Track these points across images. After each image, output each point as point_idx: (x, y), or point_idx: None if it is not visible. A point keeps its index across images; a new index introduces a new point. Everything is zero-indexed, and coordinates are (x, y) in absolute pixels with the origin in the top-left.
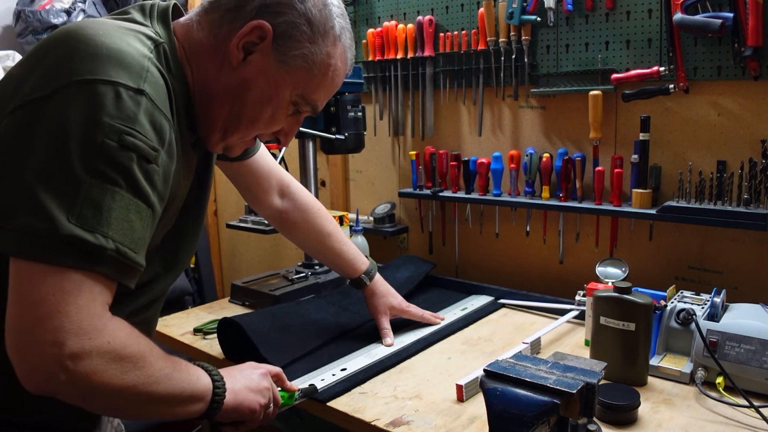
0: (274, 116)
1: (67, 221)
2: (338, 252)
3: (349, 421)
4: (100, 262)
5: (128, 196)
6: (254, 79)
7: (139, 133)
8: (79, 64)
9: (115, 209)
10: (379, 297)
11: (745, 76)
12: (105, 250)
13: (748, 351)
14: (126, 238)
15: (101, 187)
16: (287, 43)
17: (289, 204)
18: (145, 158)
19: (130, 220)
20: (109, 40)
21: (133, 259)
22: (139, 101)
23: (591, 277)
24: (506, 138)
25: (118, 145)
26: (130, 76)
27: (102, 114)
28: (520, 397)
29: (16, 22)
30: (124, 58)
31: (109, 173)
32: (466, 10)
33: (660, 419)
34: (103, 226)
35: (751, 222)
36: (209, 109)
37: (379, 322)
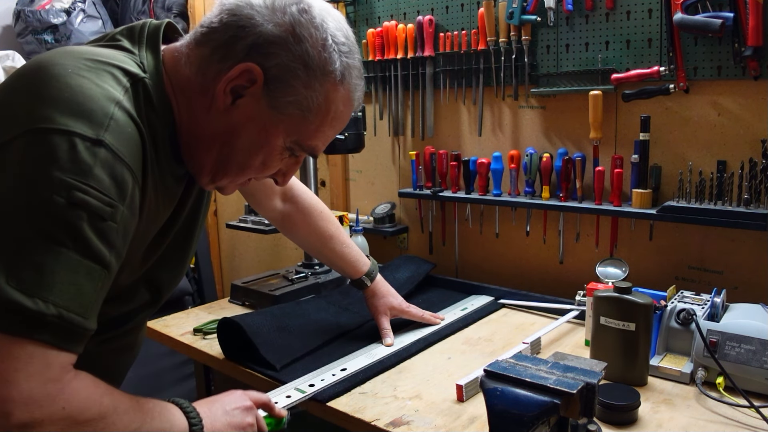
0: (265, 163)
1: (7, 284)
2: (340, 254)
3: (349, 421)
4: (40, 330)
5: (76, 258)
6: (243, 125)
7: (92, 188)
8: (38, 110)
9: (59, 272)
10: (380, 297)
11: (746, 76)
12: (45, 317)
13: (748, 351)
14: (72, 302)
15: (46, 248)
16: (280, 87)
17: (292, 206)
18: (98, 216)
19: (78, 283)
20: (74, 81)
21: (81, 325)
22: (96, 153)
23: (591, 277)
24: (506, 138)
25: (66, 202)
26: (90, 125)
27: (53, 168)
28: (520, 397)
29: (15, 22)
30: (86, 103)
31: (55, 233)
32: (466, 10)
33: (660, 419)
34: (44, 291)
35: (751, 222)
36: (196, 152)
37: (379, 323)
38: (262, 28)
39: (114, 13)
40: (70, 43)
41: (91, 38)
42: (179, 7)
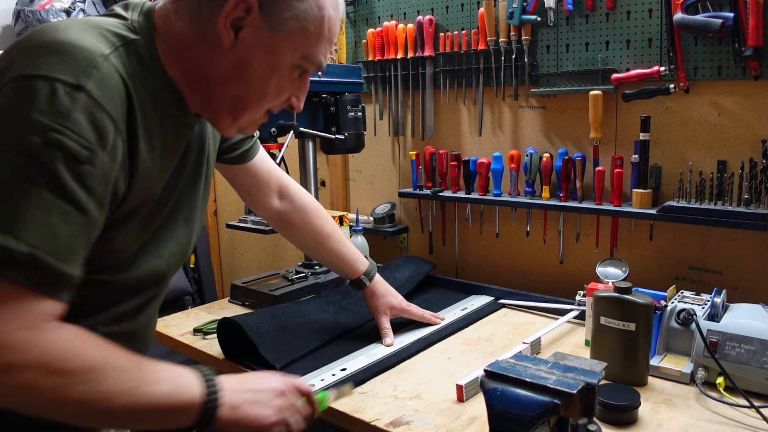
0: (280, 85)
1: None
2: (337, 253)
3: (349, 421)
4: (11, 268)
5: (50, 197)
6: (251, 55)
7: (69, 131)
8: (23, 60)
9: (32, 210)
10: (379, 297)
11: (746, 76)
12: (14, 253)
13: (748, 351)
14: (45, 243)
15: (19, 186)
16: (275, 7)
17: (289, 205)
18: (74, 158)
19: (51, 223)
20: (63, 35)
21: (56, 267)
22: (76, 98)
23: (591, 277)
24: (506, 138)
25: (42, 141)
26: (72, 72)
27: (31, 110)
28: (520, 397)
29: (15, 21)
30: (71, 52)
31: (30, 172)
32: (466, 10)
33: (660, 419)
34: (15, 228)
35: (751, 222)
36: (212, 97)
37: (379, 322)
38: None
39: None
40: None
41: None
42: None
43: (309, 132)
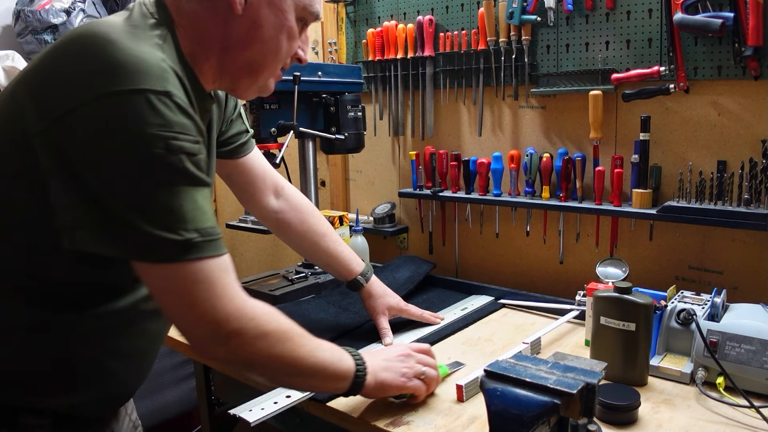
0: (290, 40)
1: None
2: (333, 252)
3: (349, 421)
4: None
5: (189, 189)
6: (261, 16)
7: (180, 133)
8: (101, 76)
9: (183, 204)
10: (377, 298)
11: (746, 76)
12: (191, 241)
13: (748, 351)
14: (201, 221)
15: (166, 191)
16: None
17: (285, 204)
18: (191, 153)
19: (198, 206)
20: (122, 46)
21: (214, 232)
22: (168, 103)
23: (591, 277)
24: (506, 138)
25: (165, 151)
26: (155, 79)
27: (142, 125)
28: (520, 397)
29: (15, 21)
30: (143, 63)
31: (168, 177)
32: (466, 10)
33: (660, 419)
34: (181, 224)
35: (751, 222)
36: (229, 65)
37: (377, 323)
38: None
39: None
40: None
41: None
42: None
43: (309, 132)
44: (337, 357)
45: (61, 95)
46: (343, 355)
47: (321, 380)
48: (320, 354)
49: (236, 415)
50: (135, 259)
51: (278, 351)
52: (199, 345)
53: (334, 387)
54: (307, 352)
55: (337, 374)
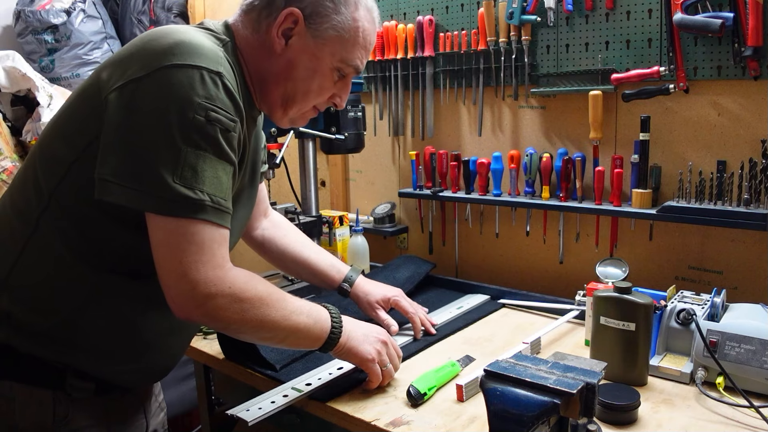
0: (322, 85)
1: (174, 182)
2: (314, 261)
3: (349, 421)
4: (202, 211)
5: (215, 159)
6: (298, 59)
7: (221, 108)
8: (167, 53)
9: (206, 170)
10: (365, 296)
11: (745, 76)
12: (203, 202)
13: (748, 351)
14: (218, 190)
15: (195, 154)
16: (317, 19)
17: (269, 223)
18: (226, 129)
19: (218, 177)
20: (190, 36)
21: (225, 205)
22: (218, 82)
23: (591, 277)
24: (506, 138)
25: (205, 119)
26: (210, 62)
27: (192, 94)
28: (520, 397)
29: (16, 22)
30: (203, 49)
31: (200, 142)
32: (466, 10)
33: (660, 419)
34: (199, 184)
35: (751, 222)
36: (267, 94)
37: (375, 318)
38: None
39: (114, 13)
40: (71, 43)
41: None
42: (179, 7)
43: (309, 132)
44: (313, 320)
45: (137, 65)
46: (320, 318)
47: (295, 340)
48: (295, 318)
49: (234, 415)
50: (149, 208)
51: (252, 315)
52: (177, 302)
53: (308, 345)
54: (281, 316)
55: (311, 335)
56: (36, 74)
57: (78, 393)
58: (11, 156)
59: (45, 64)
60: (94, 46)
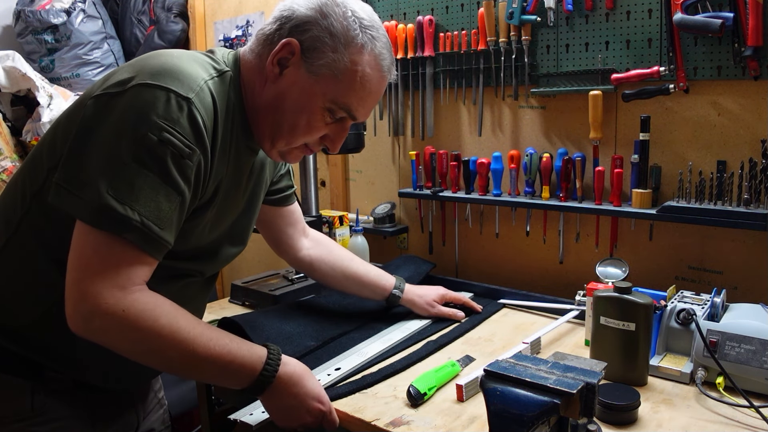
0: (310, 123)
1: (107, 192)
2: (364, 273)
3: (349, 421)
4: (127, 230)
5: (158, 181)
6: (289, 90)
7: (178, 133)
8: (147, 73)
9: (144, 189)
10: (421, 298)
11: (745, 76)
12: (130, 220)
13: (748, 351)
14: (151, 214)
15: (137, 171)
16: (313, 54)
17: (311, 242)
18: (179, 154)
19: (157, 200)
20: (177, 61)
21: (157, 233)
22: (183, 107)
23: (591, 277)
24: (506, 138)
25: (157, 139)
26: (182, 87)
27: (150, 112)
28: (520, 397)
29: (16, 22)
30: (183, 74)
31: (146, 160)
32: (466, 10)
33: (660, 419)
34: (131, 201)
35: (751, 222)
36: (258, 122)
37: (439, 313)
38: (299, 13)
39: (114, 13)
40: (71, 43)
41: (91, 38)
42: (179, 7)
43: None
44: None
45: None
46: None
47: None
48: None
49: (238, 420)
50: (79, 216)
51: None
52: (67, 313)
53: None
54: (183, 360)
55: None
56: (36, 74)
57: (56, 385)
58: (11, 156)
59: (45, 64)
60: (94, 46)
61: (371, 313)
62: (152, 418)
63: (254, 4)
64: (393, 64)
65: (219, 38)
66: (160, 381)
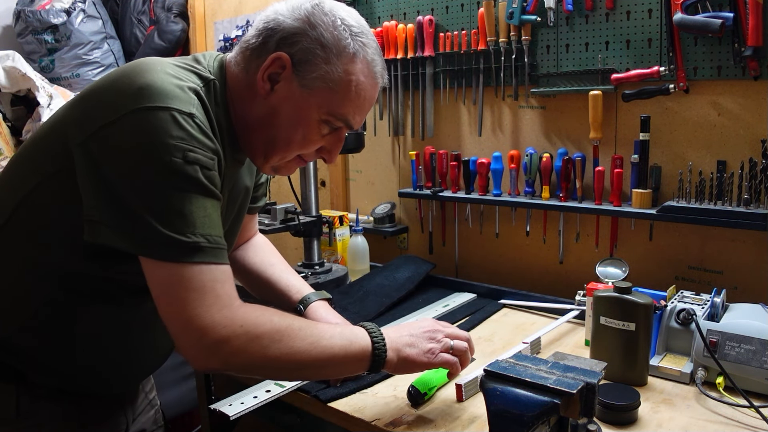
0: (306, 136)
1: (164, 229)
2: (275, 280)
3: (349, 421)
4: (199, 254)
5: (201, 198)
6: (282, 105)
7: (198, 147)
8: (138, 94)
9: (195, 210)
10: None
11: (745, 76)
12: (198, 244)
13: (748, 351)
14: (210, 228)
15: (180, 197)
16: (305, 67)
17: (248, 244)
18: (206, 167)
19: (208, 214)
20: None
21: (220, 242)
22: (191, 122)
23: (591, 277)
24: (506, 138)
25: (183, 161)
26: (181, 103)
27: (165, 137)
28: (520, 397)
29: (16, 22)
30: (173, 91)
31: (182, 184)
32: (466, 10)
33: (660, 419)
34: (190, 228)
35: (751, 222)
36: (249, 137)
37: None
38: (285, 24)
39: (114, 13)
40: (71, 43)
41: (91, 38)
42: (179, 7)
43: None
44: (348, 340)
45: (99, 112)
46: (356, 337)
47: (334, 368)
48: (325, 343)
49: (217, 409)
50: (142, 253)
51: (274, 351)
52: (190, 354)
53: (353, 369)
54: (308, 344)
55: (350, 357)
56: (36, 74)
57: (40, 390)
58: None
59: (45, 64)
60: (94, 46)
61: (369, 314)
62: (142, 419)
63: (254, 4)
64: (385, 69)
65: (219, 38)
66: (152, 381)
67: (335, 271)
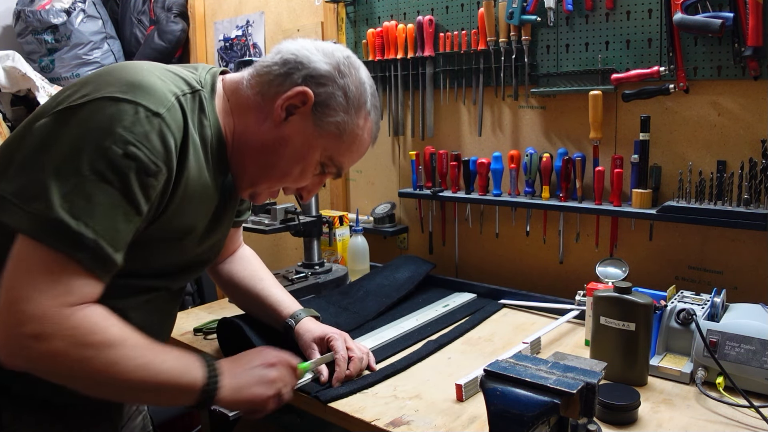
0: (303, 173)
1: (59, 207)
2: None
3: (349, 421)
4: (78, 248)
5: (119, 198)
6: (291, 138)
7: (145, 148)
8: (113, 86)
9: (103, 204)
10: (306, 333)
11: (745, 76)
12: (84, 238)
13: (748, 351)
14: (107, 233)
15: (96, 184)
16: (325, 110)
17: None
18: (144, 170)
19: (115, 219)
20: (147, 74)
21: (110, 255)
22: (153, 122)
23: (591, 277)
24: (506, 138)
25: (122, 153)
26: (153, 102)
27: (117, 125)
28: (520, 397)
29: (16, 22)
30: (153, 89)
31: (107, 174)
32: (466, 10)
33: (660, 419)
34: (87, 216)
35: (751, 222)
36: (244, 158)
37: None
38: (317, 64)
39: (114, 13)
40: (71, 43)
41: (91, 38)
42: (179, 7)
43: None
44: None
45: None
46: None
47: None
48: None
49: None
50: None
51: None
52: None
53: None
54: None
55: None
56: (36, 74)
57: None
58: None
59: (45, 64)
60: (94, 46)
61: (369, 314)
62: (131, 425)
63: (254, 4)
64: (378, 131)
65: (219, 38)
66: None
67: (335, 271)
